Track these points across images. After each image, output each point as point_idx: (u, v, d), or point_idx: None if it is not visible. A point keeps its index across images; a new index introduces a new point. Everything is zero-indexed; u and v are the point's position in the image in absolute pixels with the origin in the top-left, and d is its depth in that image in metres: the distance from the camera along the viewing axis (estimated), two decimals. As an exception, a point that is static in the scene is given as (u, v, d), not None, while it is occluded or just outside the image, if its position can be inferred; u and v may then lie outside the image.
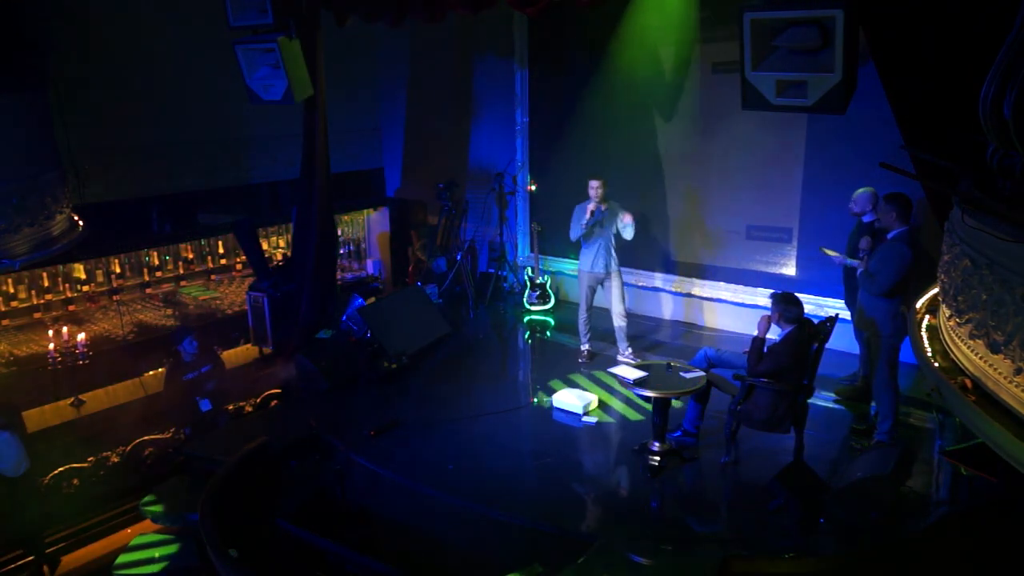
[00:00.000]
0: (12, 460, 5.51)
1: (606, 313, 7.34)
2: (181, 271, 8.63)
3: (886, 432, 5.51)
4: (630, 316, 7.47)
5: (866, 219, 6.06)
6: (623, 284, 7.31)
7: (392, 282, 10.24)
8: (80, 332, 7.22)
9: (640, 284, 8.75)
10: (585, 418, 6.25)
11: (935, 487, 5.07)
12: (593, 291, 7.32)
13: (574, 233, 7.07)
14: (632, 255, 8.75)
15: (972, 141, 3.34)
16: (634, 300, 8.85)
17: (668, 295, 8.60)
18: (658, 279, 8.62)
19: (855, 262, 5.99)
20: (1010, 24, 2.92)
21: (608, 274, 7.18)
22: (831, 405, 6.33)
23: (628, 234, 7.08)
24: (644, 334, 8.20)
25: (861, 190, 6.10)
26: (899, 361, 5.55)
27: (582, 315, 7.42)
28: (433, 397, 6.84)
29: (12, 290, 7.28)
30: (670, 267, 8.54)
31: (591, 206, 6.94)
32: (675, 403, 5.84)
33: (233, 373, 7.46)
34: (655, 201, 8.49)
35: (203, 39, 7.51)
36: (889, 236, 5.41)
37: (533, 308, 9.06)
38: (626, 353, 7.28)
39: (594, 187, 6.96)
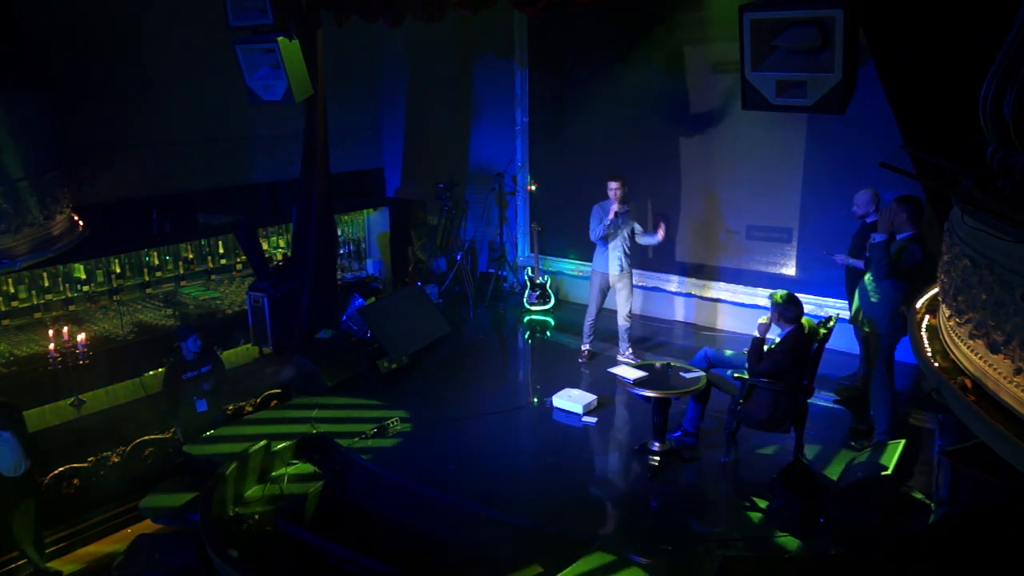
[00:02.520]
0: (12, 460, 5.51)
1: (610, 315, 7.34)
2: (181, 271, 8.63)
3: (885, 432, 5.51)
4: (632, 316, 7.45)
5: (869, 220, 6.05)
6: (632, 287, 7.29)
7: (392, 282, 10.24)
8: (80, 332, 7.21)
9: (640, 284, 8.73)
10: (585, 418, 6.25)
11: (935, 487, 5.07)
12: (604, 293, 7.25)
13: (595, 233, 6.98)
14: (631, 255, 8.77)
15: (972, 141, 3.33)
16: (634, 300, 8.83)
17: (668, 295, 8.59)
18: (658, 279, 8.62)
19: (859, 262, 5.99)
20: (1010, 24, 2.92)
21: (620, 276, 7.14)
22: (831, 405, 6.33)
23: (645, 240, 7.11)
24: (644, 334, 8.20)
25: (861, 192, 6.09)
26: (896, 360, 5.55)
27: (589, 317, 7.33)
28: (433, 397, 6.84)
29: (12, 290, 7.28)
30: (670, 267, 8.53)
31: (614, 207, 6.85)
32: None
33: (233, 373, 7.45)
34: (655, 201, 8.49)
35: (203, 39, 7.51)
36: (899, 237, 5.39)
37: (533, 308, 9.06)
38: (626, 353, 7.28)
39: (614, 188, 6.85)
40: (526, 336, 8.67)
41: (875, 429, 5.61)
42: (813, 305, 7.07)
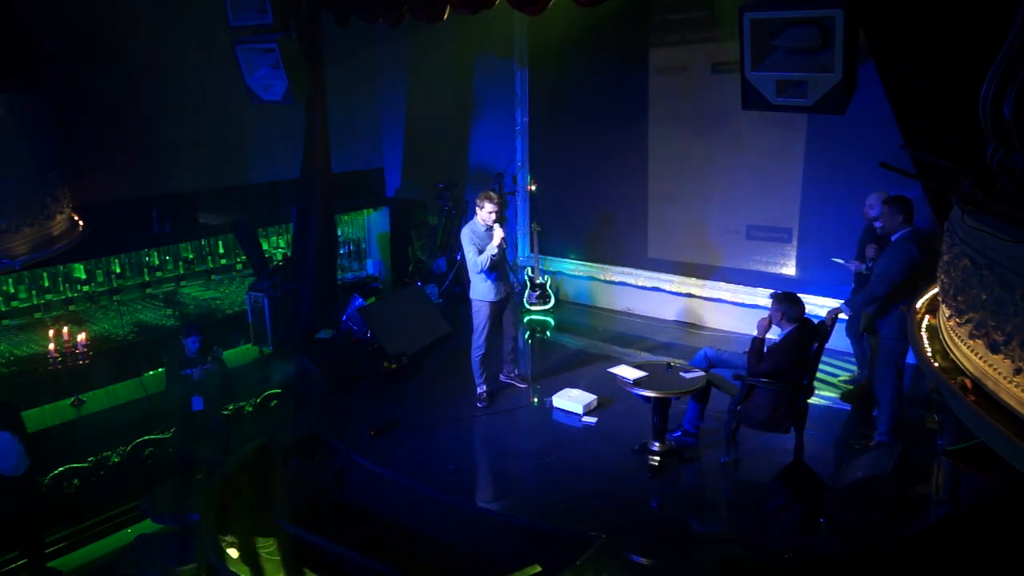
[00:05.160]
0: (12, 460, 5.51)
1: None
2: (181, 271, 8.63)
3: (886, 432, 5.51)
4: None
5: (878, 224, 6.02)
6: (513, 305, 6.75)
7: (392, 282, 10.24)
8: (80, 332, 7.22)
9: (639, 284, 8.75)
10: (585, 418, 6.25)
11: (935, 487, 5.07)
12: (495, 322, 6.55)
13: (477, 267, 6.18)
14: (632, 255, 8.78)
15: (972, 141, 3.33)
16: (634, 300, 8.86)
17: (668, 295, 8.59)
18: (658, 279, 8.62)
19: (865, 266, 5.97)
20: (1010, 24, 2.92)
21: (508, 299, 6.57)
22: (831, 405, 6.33)
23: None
24: (644, 334, 8.21)
25: (874, 194, 6.02)
26: (905, 364, 5.56)
27: (480, 350, 6.51)
28: (433, 397, 6.84)
29: (12, 290, 7.28)
30: (670, 267, 8.54)
31: (499, 235, 6.12)
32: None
33: (233, 373, 7.44)
34: (654, 200, 8.50)
35: (203, 39, 7.51)
36: (894, 238, 5.40)
37: (533, 308, 9.06)
38: (512, 375, 6.95)
39: (491, 210, 6.13)
40: (526, 336, 8.66)
41: (876, 429, 5.61)
42: (813, 305, 7.06)
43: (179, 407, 6.53)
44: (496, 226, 6.18)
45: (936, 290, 3.79)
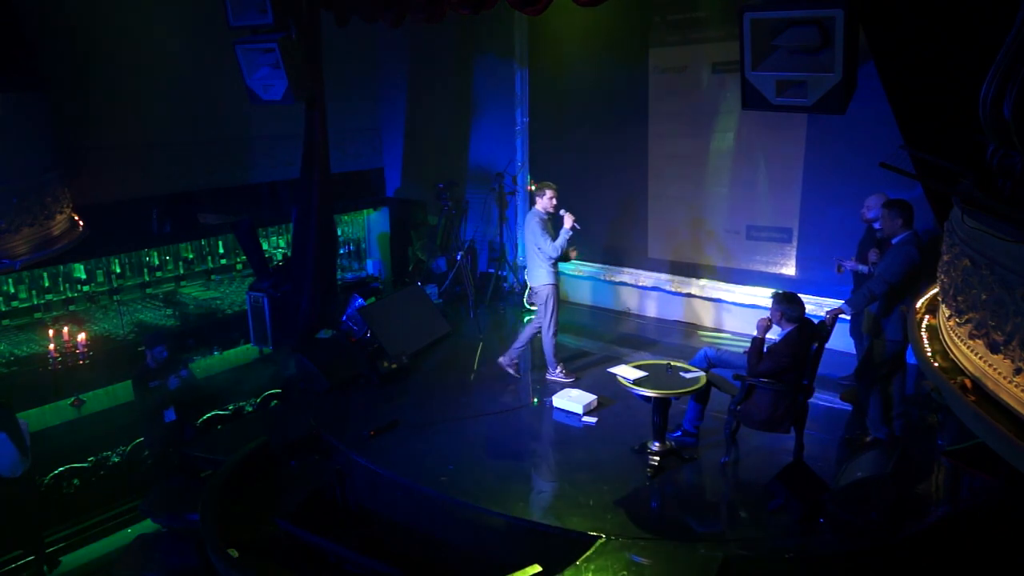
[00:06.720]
0: (9, 462, 5.50)
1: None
2: (181, 271, 8.63)
3: (878, 426, 5.52)
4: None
5: (877, 225, 6.02)
6: None
7: (392, 282, 10.24)
8: (80, 332, 7.22)
9: (640, 284, 8.75)
10: (585, 418, 6.25)
11: (935, 487, 5.07)
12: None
13: (560, 247, 6.66)
14: (632, 255, 8.78)
15: (972, 141, 3.34)
16: (634, 300, 8.85)
17: (668, 295, 8.59)
18: (658, 279, 8.62)
19: (867, 268, 5.97)
20: (1010, 24, 2.92)
21: None
22: (831, 405, 6.33)
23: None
24: (644, 334, 8.20)
25: (873, 195, 6.02)
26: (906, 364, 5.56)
27: (555, 337, 7.01)
28: (433, 397, 6.84)
29: (12, 290, 7.28)
30: (670, 267, 8.54)
31: (570, 218, 6.61)
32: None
33: (210, 381, 7.44)
34: (655, 200, 8.49)
35: (203, 39, 7.51)
36: (894, 241, 5.41)
37: (533, 308, 9.04)
38: (513, 363, 7.20)
39: (552, 196, 6.68)
40: (526, 336, 8.66)
41: (869, 430, 5.62)
42: (813, 305, 7.06)
43: (150, 419, 6.43)
44: (564, 211, 6.61)
45: (936, 290, 3.80)
